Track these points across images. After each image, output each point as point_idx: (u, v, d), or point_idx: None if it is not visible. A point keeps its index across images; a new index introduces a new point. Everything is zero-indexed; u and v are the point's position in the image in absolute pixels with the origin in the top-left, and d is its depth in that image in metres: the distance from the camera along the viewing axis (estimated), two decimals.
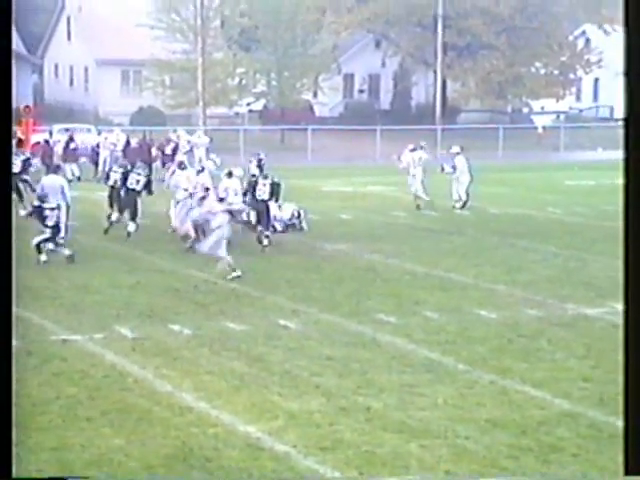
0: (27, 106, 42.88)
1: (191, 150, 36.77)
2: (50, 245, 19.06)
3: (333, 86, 56.91)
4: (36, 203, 19.59)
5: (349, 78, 62.97)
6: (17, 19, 62.13)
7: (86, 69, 61.37)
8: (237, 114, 54.96)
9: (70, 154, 34.93)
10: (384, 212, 27.18)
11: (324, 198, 30.20)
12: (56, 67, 64.96)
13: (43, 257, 18.81)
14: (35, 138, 38.30)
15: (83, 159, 36.77)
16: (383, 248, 21.12)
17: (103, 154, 36.17)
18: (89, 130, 44.35)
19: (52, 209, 19.23)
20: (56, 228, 19.25)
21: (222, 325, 14.32)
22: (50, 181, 20.59)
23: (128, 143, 36.35)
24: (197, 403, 10.80)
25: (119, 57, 57.45)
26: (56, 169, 22.34)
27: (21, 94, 57.11)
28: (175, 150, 35.24)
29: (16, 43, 62.38)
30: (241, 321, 14.51)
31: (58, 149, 35.22)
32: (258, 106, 55.70)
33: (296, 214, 23.81)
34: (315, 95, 57.28)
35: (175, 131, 38.92)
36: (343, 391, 11.28)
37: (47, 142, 35.55)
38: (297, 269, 18.88)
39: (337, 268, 18.96)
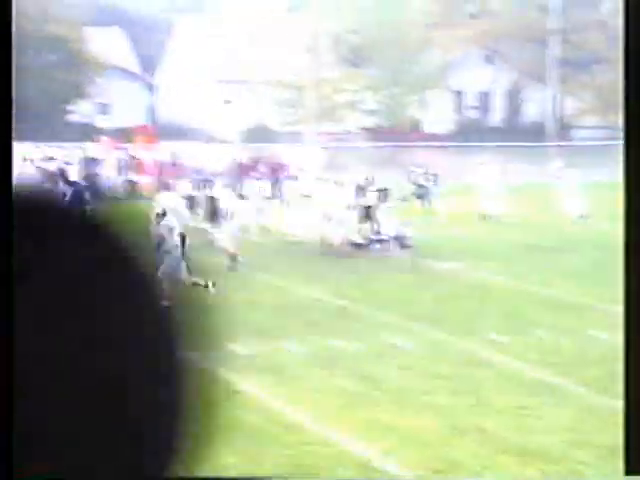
0: (142, 125, 43.69)
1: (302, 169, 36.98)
2: None
3: (442, 103, 56.67)
4: None
5: (459, 94, 62.62)
6: (133, 39, 63.50)
7: (199, 88, 62.25)
8: (347, 131, 55.10)
9: (177, 172, 35.41)
10: (492, 229, 26.85)
11: (433, 214, 29.98)
12: (170, 86, 66.04)
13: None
14: (149, 156, 38.93)
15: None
16: (493, 266, 20.84)
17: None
18: (197, 148, 44.91)
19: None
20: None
21: (333, 343, 14.27)
22: (166, 199, 21.20)
23: (237, 160, 36.77)
24: (309, 421, 10.76)
25: (231, 75, 58.15)
26: (167, 187, 22.74)
27: (136, 113, 58.26)
28: (283, 168, 35.46)
29: (132, 63, 63.72)
30: (352, 339, 14.44)
31: (166, 167, 35.77)
32: (368, 123, 55.75)
33: (401, 230, 23.74)
34: (424, 112, 57.11)
35: (284, 149, 39.21)
36: (456, 411, 11.11)
37: (157, 161, 36.19)
38: (407, 286, 18.75)
39: (447, 286, 18.77)
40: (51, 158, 36.29)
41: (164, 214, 17.83)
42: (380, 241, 22.89)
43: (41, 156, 36.51)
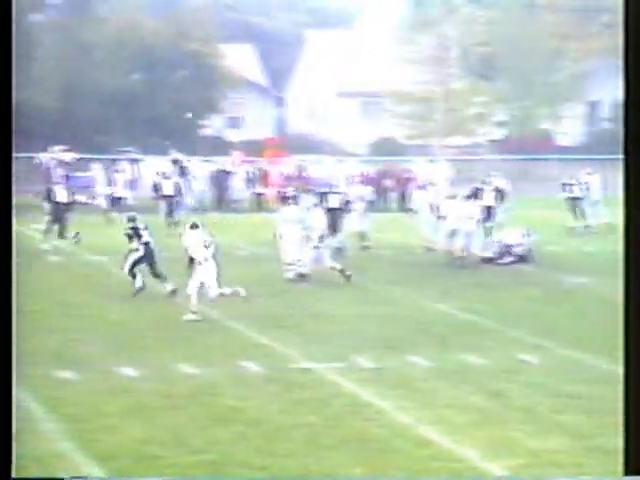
0: (271, 138, 44.21)
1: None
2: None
3: (575, 114, 55.74)
4: None
5: (592, 106, 61.49)
6: (263, 54, 64.34)
7: (326, 101, 62.67)
8: (476, 144, 54.67)
9: (303, 184, 35.70)
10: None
11: (565, 228, 29.51)
12: (298, 100, 66.65)
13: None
14: (277, 169, 39.37)
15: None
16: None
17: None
18: (320, 161, 45.19)
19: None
20: None
21: (461, 358, 14.15)
22: (289, 211, 21.47)
23: (364, 173, 36.93)
24: (437, 436, 10.67)
25: (359, 88, 58.37)
26: (293, 199, 22.86)
27: (264, 126, 58.98)
28: (410, 181, 35.41)
29: (262, 77, 64.56)
30: (481, 354, 14.29)
31: (293, 180, 36.12)
32: (497, 135, 55.21)
33: (525, 242, 23.40)
34: (556, 124, 56.25)
35: (410, 162, 39.16)
36: (589, 431, 10.88)
37: (284, 173, 36.61)
38: (536, 301, 18.50)
39: (579, 302, 18.44)
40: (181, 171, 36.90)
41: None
42: (508, 254, 22.73)
43: (172, 170, 37.17)
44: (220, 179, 38.32)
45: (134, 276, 19.02)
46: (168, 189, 31.33)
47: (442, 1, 52.25)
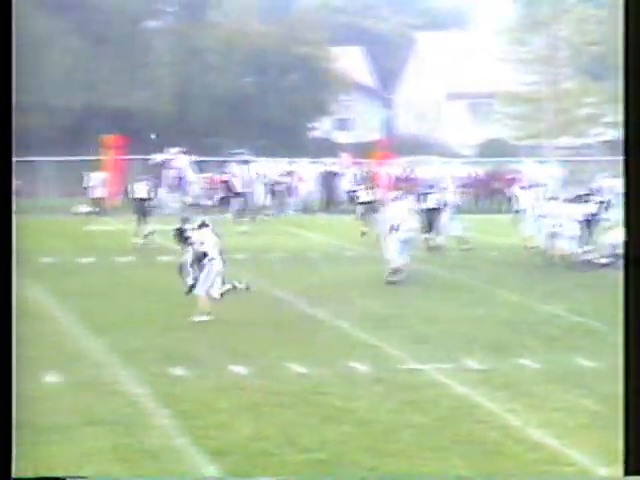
0: (380, 140, 44.25)
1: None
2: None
3: None
4: None
5: None
6: (372, 56, 64.43)
7: (435, 103, 62.44)
8: (587, 145, 53.84)
9: (410, 186, 35.64)
10: None
11: None
12: (406, 101, 66.56)
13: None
14: (385, 170, 39.39)
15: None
16: None
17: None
18: (429, 163, 45.03)
19: None
20: None
21: (570, 360, 14.00)
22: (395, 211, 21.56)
23: (472, 174, 36.76)
24: (547, 440, 10.59)
25: (468, 90, 58.02)
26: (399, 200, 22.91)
27: (372, 128, 59.04)
28: (515, 181, 35.14)
29: (371, 80, 64.65)
30: (590, 357, 14.12)
31: (400, 181, 36.11)
32: (608, 136, 54.26)
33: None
34: None
35: (519, 163, 38.80)
36: None
37: (391, 174, 36.61)
38: None
39: None
40: (289, 173, 37.23)
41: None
42: (612, 255, 22.36)
43: (280, 172, 37.51)
44: (328, 180, 38.53)
45: (187, 275, 19.02)
46: (239, 187, 32.10)
47: (553, 1, 51.61)
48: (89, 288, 19.30)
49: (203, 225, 17.26)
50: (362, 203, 28.98)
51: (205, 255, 16.89)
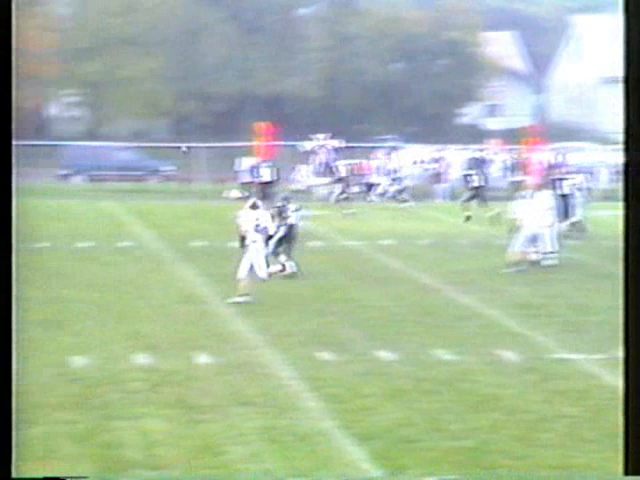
0: (532, 125, 43.61)
1: None
2: None
3: None
4: None
5: None
6: (524, 40, 63.48)
7: (590, 87, 61.13)
8: None
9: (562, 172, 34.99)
10: None
11: None
12: (560, 86, 65.35)
13: None
14: (536, 157, 38.81)
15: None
16: None
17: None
18: (582, 149, 44.12)
19: None
20: None
21: None
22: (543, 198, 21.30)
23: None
24: None
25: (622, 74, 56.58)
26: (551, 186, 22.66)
27: (523, 114, 58.20)
28: None
29: (523, 65, 63.71)
30: None
31: (552, 168, 35.48)
32: None
33: None
34: None
35: None
36: None
37: (543, 161, 36.01)
38: None
39: None
40: (438, 159, 37.04)
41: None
42: None
43: (429, 158, 37.37)
44: (477, 167, 38.17)
45: (277, 255, 19.11)
46: (386, 174, 32.18)
47: None
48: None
49: (255, 206, 17.27)
50: (474, 188, 29.50)
51: (244, 239, 16.89)
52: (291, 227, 19.50)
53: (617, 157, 37.25)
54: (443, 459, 9.56)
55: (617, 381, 12.22)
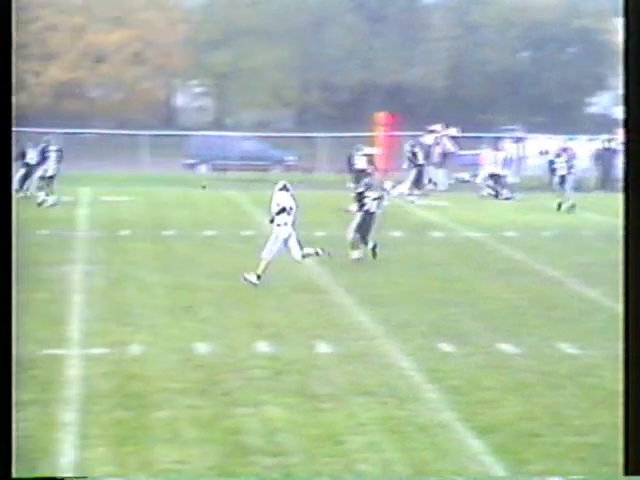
0: None
1: None
2: None
3: None
4: None
5: None
6: None
7: None
8: None
9: None
10: None
11: None
12: None
13: None
14: None
15: None
16: None
17: None
18: None
19: None
20: None
21: None
22: None
23: None
24: None
25: None
26: None
27: None
28: None
29: None
30: None
31: None
32: None
33: None
34: None
35: None
36: None
37: None
38: None
39: None
40: (564, 150, 36.43)
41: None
42: None
43: (555, 148, 36.79)
44: (605, 158, 37.47)
45: (354, 241, 19.30)
46: (507, 164, 32.14)
47: None
48: (363, 262, 19.65)
49: (283, 188, 17.28)
50: (561, 176, 30.35)
51: (272, 220, 17.06)
52: (367, 214, 19.70)
53: None
54: (566, 455, 9.43)
55: None
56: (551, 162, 34.25)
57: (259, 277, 16.80)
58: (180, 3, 61.08)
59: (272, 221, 17.16)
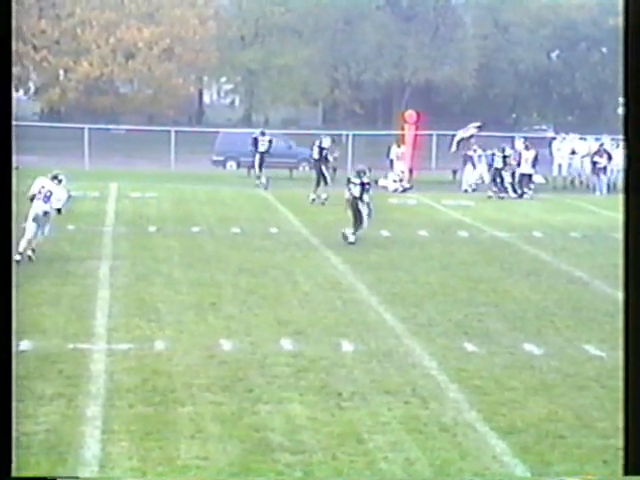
0: None
1: None
2: None
3: None
4: None
5: None
6: None
7: None
8: None
9: None
10: None
11: None
12: None
13: None
14: None
15: None
16: None
17: None
18: None
19: None
20: None
21: None
22: None
23: None
24: None
25: None
26: None
27: None
28: None
29: None
30: None
31: None
32: None
33: None
34: None
35: None
36: None
37: None
38: None
39: None
40: (598, 151, 36.20)
41: None
42: None
43: (587, 149, 36.59)
44: None
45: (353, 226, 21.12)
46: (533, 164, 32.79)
47: None
48: (388, 260, 19.64)
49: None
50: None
51: None
52: (352, 199, 20.85)
53: None
54: (590, 457, 9.40)
55: None
56: (594, 162, 34.11)
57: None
58: (211, 0, 61.22)
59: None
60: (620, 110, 56.54)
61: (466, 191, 33.98)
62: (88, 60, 55.74)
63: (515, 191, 32.63)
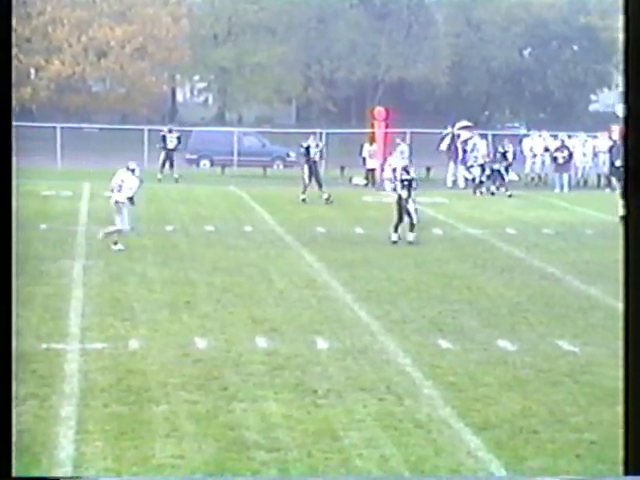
0: None
1: None
2: None
3: None
4: None
5: None
6: None
7: None
8: None
9: None
10: None
11: None
12: None
13: None
14: None
15: None
16: None
17: None
18: None
19: None
20: None
21: None
22: None
23: None
24: None
25: None
26: None
27: None
28: None
29: None
30: None
31: None
32: None
33: None
34: None
35: None
36: None
37: None
38: None
39: None
40: (565, 147, 36.36)
41: None
42: None
43: (555, 145, 36.73)
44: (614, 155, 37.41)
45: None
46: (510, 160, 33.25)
47: None
48: (362, 258, 19.67)
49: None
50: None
51: None
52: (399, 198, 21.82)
53: None
54: (563, 452, 9.45)
55: None
56: (554, 158, 34.43)
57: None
58: None
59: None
60: (591, 107, 56.84)
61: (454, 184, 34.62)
62: (60, 59, 55.50)
63: (488, 189, 32.77)
